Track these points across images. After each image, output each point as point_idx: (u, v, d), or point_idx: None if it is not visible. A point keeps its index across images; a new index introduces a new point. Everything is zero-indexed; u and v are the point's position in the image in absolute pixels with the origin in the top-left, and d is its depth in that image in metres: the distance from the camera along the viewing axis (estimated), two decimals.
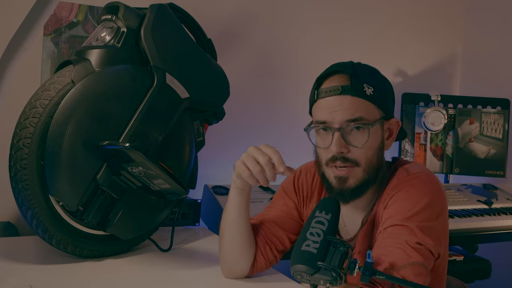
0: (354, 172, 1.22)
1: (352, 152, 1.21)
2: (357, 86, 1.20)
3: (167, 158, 1.53)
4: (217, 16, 2.20)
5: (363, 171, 1.22)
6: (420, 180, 1.22)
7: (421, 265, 1.10)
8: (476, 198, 2.37)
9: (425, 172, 1.26)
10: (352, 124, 1.20)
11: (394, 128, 1.29)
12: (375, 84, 1.22)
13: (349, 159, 1.21)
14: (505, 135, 2.52)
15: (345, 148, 1.21)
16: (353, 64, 1.26)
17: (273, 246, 1.39)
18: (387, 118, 1.27)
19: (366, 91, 1.20)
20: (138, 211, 1.53)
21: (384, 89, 1.26)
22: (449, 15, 2.85)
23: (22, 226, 1.77)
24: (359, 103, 1.20)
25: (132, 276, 1.41)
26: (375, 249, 1.16)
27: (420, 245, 1.12)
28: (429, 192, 1.20)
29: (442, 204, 1.21)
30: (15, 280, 1.28)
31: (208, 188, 2.04)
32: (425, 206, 1.17)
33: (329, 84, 1.23)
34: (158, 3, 1.60)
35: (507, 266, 2.50)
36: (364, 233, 1.27)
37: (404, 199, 1.19)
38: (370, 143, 1.21)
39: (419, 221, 1.15)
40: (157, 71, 1.52)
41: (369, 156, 1.22)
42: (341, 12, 2.54)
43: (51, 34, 1.92)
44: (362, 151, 1.21)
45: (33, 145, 1.35)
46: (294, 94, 2.40)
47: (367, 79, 1.22)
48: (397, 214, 1.17)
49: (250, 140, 2.29)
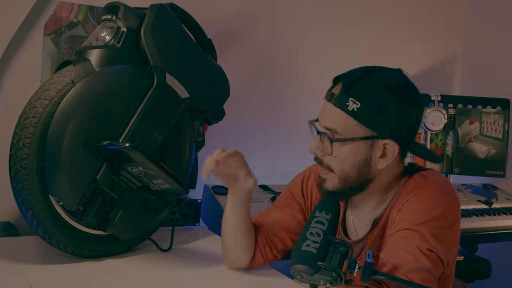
0: (330, 176, 1.24)
1: (326, 158, 1.23)
2: (342, 99, 1.18)
3: (167, 158, 1.53)
4: (217, 16, 2.20)
5: (338, 179, 1.23)
6: (437, 187, 1.21)
7: (429, 271, 1.10)
8: (476, 198, 2.37)
9: (443, 180, 1.25)
10: (326, 132, 1.21)
11: (389, 150, 1.20)
12: (369, 101, 1.16)
13: (323, 163, 1.24)
14: (505, 135, 2.52)
15: (320, 152, 1.23)
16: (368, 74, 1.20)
17: (273, 247, 1.40)
18: (383, 137, 1.19)
19: (349, 106, 1.17)
20: (138, 211, 1.53)
21: (386, 110, 1.17)
22: (449, 15, 2.85)
23: (22, 226, 1.77)
24: (339, 115, 1.18)
25: (132, 276, 1.41)
26: (385, 251, 1.15)
27: (431, 252, 1.11)
28: (445, 200, 1.19)
29: (456, 214, 1.21)
30: (15, 280, 1.28)
31: (208, 188, 2.04)
32: (440, 214, 1.16)
33: (332, 87, 1.24)
34: (158, 3, 1.60)
35: (507, 266, 2.50)
36: (374, 235, 1.26)
37: (419, 204, 1.18)
38: (342, 157, 1.20)
39: (432, 227, 1.14)
40: (157, 71, 1.52)
41: (344, 168, 1.21)
42: (341, 12, 2.53)
43: (51, 34, 1.92)
44: (335, 159, 1.22)
45: (33, 145, 1.35)
46: (294, 94, 2.40)
47: (360, 94, 1.17)
48: (410, 218, 1.16)
49: (250, 140, 2.30)
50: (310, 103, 2.47)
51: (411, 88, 1.24)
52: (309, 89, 2.41)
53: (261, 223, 1.43)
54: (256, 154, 2.32)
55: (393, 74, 1.24)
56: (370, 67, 1.24)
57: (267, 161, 2.30)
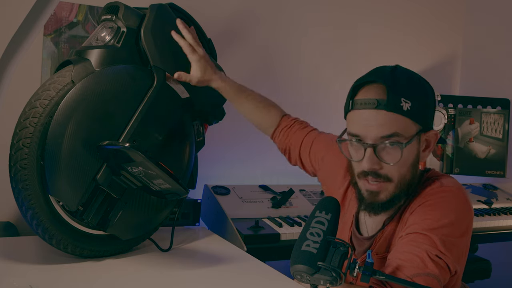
0: (386, 187, 1.19)
1: (384, 169, 1.18)
2: (393, 101, 1.13)
3: (167, 158, 1.53)
4: (217, 16, 2.20)
5: (395, 187, 1.19)
6: (452, 194, 1.20)
7: (435, 278, 1.09)
8: (476, 198, 2.38)
9: (458, 187, 1.23)
10: (386, 141, 1.15)
11: (432, 140, 1.23)
12: (414, 97, 1.15)
13: (381, 175, 1.18)
14: (505, 135, 2.52)
15: (377, 165, 1.17)
16: (393, 72, 1.19)
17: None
18: (425, 130, 1.21)
19: (403, 106, 1.13)
20: (138, 211, 1.53)
21: (425, 100, 1.19)
22: (449, 15, 2.85)
23: (22, 226, 1.77)
24: (395, 119, 1.14)
25: (132, 276, 1.41)
26: (394, 252, 1.15)
27: (439, 259, 1.11)
28: (458, 208, 1.18)
29: (469, 222, 1.20)
30: (15, 280, 1.28)
31: (208, 188, 2.04)
32: (452, 221, 1.15)
33: (365, 95, 1.17)
34: (158, 3, 1.60)
35: (507, 266, 2.50)
36: (385, 236, 1.26)
37: (432, 209, 1.17)
38: (404, 160, 1.16)
39: (443, 234, 1.13)
40: (157, 71, 1.52)
41: (402, 172, 1.19)
42: (341, 13, 2.54)
43: (51, 34, 1.92)
44: (395, 167, 1.17)
45: (33, 145, 1.35)
46: (294, 94, 2.40)
47: (405, 91, 1.15)
48: (422, 223, 1.15)
49: (250, 140, 2.30)
50: (310, 103, 2.47)
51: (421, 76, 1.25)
52: (309, 89, 2.41)
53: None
54: (256, 154, 2.33)
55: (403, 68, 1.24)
56: (383, 67, 1.22)
57: (267, 161, 2.30)
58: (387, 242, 1.25)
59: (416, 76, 1.22)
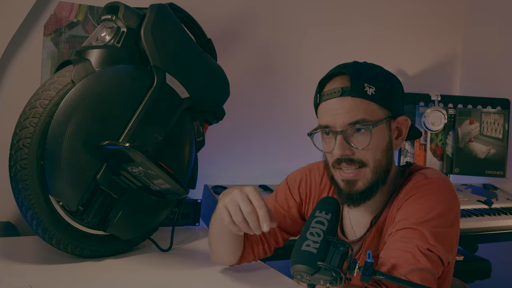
0: (363, 174, 1.20)
1: (356, 154, 1.19)
2: (357, 86, 1.17)
3: (167, 158, 1.53)
4: (217, 16, 2.20)
5: (371, 172, 1.20)
6: (437, 186, 1.20)
7: (429, 272, 1.09)
8: (476, 198, 2.37)
9: (443, 178, 1.23)
10: (354, 126, 1.17)
11: (402, 126, 1.25)
12: (378, 83, 1.19)
13: (355, 160, 1.19)
14: (505, 135, 2.52)
15: (349, 151, 1.18)
16: (356, 64, 1.23)
17: (266, 244, 1.39)
18: (395, 117, 1.23)
19: (367, 91, 1.17)
20: (138, 211, 1.53)
21: (390, 87, 1.22)
22: (449, 15, 2.85)
23: (22, 226, 1.77)
24: (360, 104, 1.17)
25: (132, 276, 1.41)
26: (385, 250, 1.15)
27: (431, 252, 1.11)
28: (445, 198, 1.18)
29: (456, 212, 1.20)
30: (14, 280, 1.28)
31: (208, 188, 2.04)
32: (440, 213, 1.15)
33: (330, 86, 1.21)
34: (158, 3, 1.60)
35: (507, 266, 2.50)
36: (373, 235, 1.26)
37: (419, 203, 1.17)
38: (374, 144, 1.18)
39: (433, 226, 1.13)
40: (157, 71, 1.52)
41: (377, 157, 1.20)
42: (341, 13, 2.54)
43: (51, 34, 1.92)
44: (368, 152, 1.18)
45: (33, 145, 1.35)
46: (294, 94, 2.40)
47: (369, 78, 1.19)
48: (410, 217, 1.15)
49: (250, 140, 2.30)
50: (310, 103, 2.47)
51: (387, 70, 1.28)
52: (309, 89, 2.41)
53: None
54: (256, 154, 2.33)
55: (367, 62, 1.26)
56: (346, 62, 1.25)
57: (267, 161, 2.31)
58: (377, 241, 1.25)
59: (379, 68, 1.26)
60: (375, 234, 1.25)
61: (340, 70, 1.22)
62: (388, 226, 1.23)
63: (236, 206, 1.16)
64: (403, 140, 1.26)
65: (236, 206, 1.16)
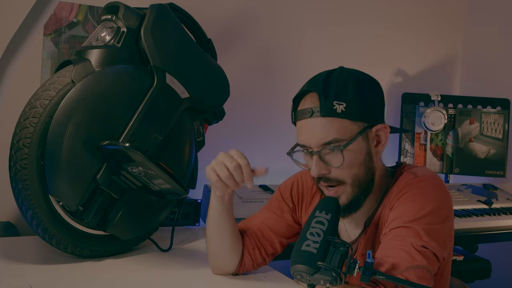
0: (342, 190, 1.21)
1: (333, 172, 1.20)
2: (325, 106, 1.16)
3: (167, 158, 1.53)
4: (217, 16, 2.20)
5: (351, 188, 1.21)
6: (428, 183, 1.21)
7: (425, 269, 1.09)
8: (476, 198, 2.37)
9: (433, 175, 1.24)
10: (327, 146, 1.17)
11: (382, 133, 1.23)
12: (348, 98, 1.17)
13: (331, 179, 1.20)
14: (505, 135, 2.52)
15: (325, 170, 1.19)
16: (327, 77, 1.20)
17: (263, 249, 1.39)
18: (372, 126, 1.21)
19: (337, 109, 1.16)
20: (138, 211, 1.53)
21: (363, 98, 1.20)
22: (449, 15, 2.85)
23: (22, 226, 1.77)
24: (331, 123, 1.16)
25: (132, 276, 1.41)
26: (380, 250, 1.15)
27: (425, 249, 1.11)
28: (437, 195, 1.19)
29: (449, 208, 1.21)
30: (14, 280, 1.28)
31: (208, 188, 2.04)
32: (432, 209, 1.16)
33: (302, 106, 1.21)
34: (158, 3, 1.60)
35: (507, 266, 2.50)
36: (367, 236, 1.26)
37: (411, 201, 1.17)
38: (349, 161, 1.18)
39: (426, 223, 1.14)
40: (157, 71, 1.52)
41: (353, 172, 1.20)
42: (341, 13, 2.54)
43: (51, 34, 1.93)
44: (344, 170, 1.19)
45: (33, 145, 1.35)
46: (294, 94, 2.40)
47: (338, 94, 1.17)
48: (403, 216, 1.16)
49: (250, 140, 2.30)
50: None
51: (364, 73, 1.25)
52: None
53: (249, 226, 1.41)
54: (256, 154, 2.32)
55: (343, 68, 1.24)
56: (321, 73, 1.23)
57: (267, 161, 2.30)
58: (371, 242, 1.25)
59: (355, 76, 1.22)
60: (369, 235, 1.26)
61: (309, 87, 1.21)
62: (381, 227, 1.23)
63: (222, 164, 1.25)
64: (384, 145, 1.25)
65: (222, 164, 1.25)
